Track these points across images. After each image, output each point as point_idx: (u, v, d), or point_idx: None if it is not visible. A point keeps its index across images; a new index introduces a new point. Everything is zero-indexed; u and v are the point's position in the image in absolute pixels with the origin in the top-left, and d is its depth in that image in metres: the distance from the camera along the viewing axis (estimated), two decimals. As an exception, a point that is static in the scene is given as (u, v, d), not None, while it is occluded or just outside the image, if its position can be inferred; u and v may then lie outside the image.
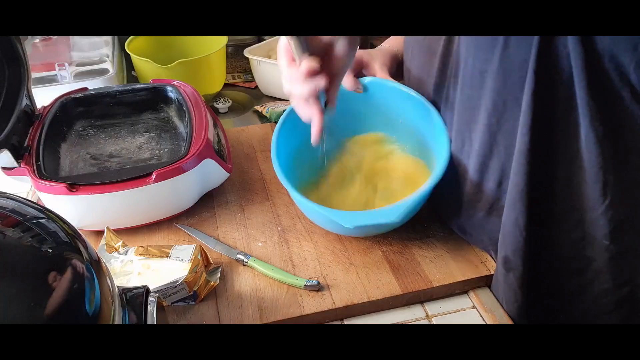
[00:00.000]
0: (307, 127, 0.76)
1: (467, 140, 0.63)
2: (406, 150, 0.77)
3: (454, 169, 0.66)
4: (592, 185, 0.55)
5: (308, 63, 0.56)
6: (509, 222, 0.60)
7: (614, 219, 0.56)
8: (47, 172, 0.69)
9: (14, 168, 0.70)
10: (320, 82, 0.57)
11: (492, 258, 0.68)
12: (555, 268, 0.62)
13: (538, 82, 0.51)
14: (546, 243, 0.61)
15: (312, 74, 0.56)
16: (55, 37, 1.10)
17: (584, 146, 0.53)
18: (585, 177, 0.55)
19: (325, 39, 0.58)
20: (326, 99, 0.61)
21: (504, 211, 0.61)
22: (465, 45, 0.58)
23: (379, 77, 0.74)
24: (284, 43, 0.59)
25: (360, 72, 0.76)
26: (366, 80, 0.74)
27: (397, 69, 0.78)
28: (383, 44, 0.82)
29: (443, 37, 0.62)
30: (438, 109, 0.68)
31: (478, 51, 0.56)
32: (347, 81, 0.72)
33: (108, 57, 1.06)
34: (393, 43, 0.81)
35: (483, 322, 0.63)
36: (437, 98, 0.68)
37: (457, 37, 0.59)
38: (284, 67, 0.59)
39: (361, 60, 0.76)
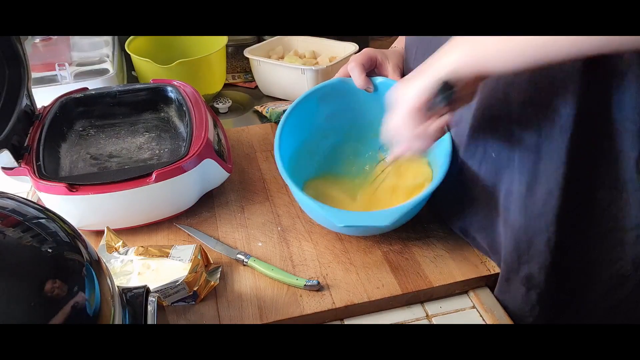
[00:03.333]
0: (309, 125, 0.76)
1: (481, 147, 0.62)
2: None
3: (461, 173, 0.65)
4: (635, 206, 0.54)
5: (448, 117, 0.54)
6: (539, 242, 0.59)
7: None
8: (47, 172, 0.69)
9: (14, 168, 0.70)
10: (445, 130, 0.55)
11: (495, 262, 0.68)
12: (586, 287, 0.62)
13: (582, 94, 0.48)
14: (579, 263, 0.60)
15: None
16: (55, 37, 1.10)
17: (625, 168, 0.52)
18: (629, 198, 0.54)
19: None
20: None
21: (531, 231, 0.59)
22: None
23: (391, 78, 0.74)
24: (421, 91, 0.52)
25: (373, 71, 0.75)
26: (377, 80, 0.73)
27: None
28: (396, 45, 0.81)
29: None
30: None
31: None
32: (359, 79, 0.72)
33: (108, 57, 1.06)
34: None
35: (483, 322, 0.63)
36: None
37: None
38: (410, 115, 0.54)
39: (375, 59, 0.74)
